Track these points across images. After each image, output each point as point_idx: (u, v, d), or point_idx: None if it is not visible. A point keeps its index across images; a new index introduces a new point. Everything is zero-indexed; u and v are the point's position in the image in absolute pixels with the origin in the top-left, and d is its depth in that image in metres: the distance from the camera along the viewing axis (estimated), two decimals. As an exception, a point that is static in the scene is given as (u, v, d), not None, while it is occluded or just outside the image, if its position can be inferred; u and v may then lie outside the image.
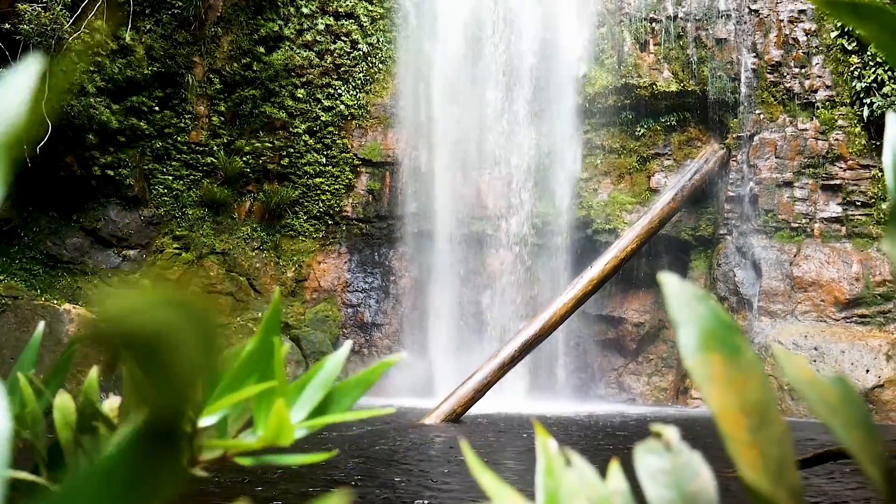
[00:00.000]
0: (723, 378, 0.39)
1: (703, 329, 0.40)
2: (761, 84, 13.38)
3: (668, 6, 13.78)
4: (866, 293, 12.40)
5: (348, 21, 14.86)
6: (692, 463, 0.41)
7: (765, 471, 0.36)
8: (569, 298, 11.66)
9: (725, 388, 0.38)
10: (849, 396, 0.41)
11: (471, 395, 10.52)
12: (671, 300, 0.42)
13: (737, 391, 0.38)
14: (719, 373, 0.39)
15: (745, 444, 0.37)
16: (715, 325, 0.41)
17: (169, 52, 13.95)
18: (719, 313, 0.41)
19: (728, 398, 0.38)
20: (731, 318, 0.41)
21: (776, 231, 13.11)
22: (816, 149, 13.06)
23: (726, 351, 0.40)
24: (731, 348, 0.40)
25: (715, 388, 0.39)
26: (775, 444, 0.37)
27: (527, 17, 14.12)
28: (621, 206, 13.93)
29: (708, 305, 0.41)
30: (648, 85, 13.72)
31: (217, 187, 14.43)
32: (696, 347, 0.40)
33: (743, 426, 0.37)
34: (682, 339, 0.40)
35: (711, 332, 0.40)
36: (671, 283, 0.42)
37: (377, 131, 14.84)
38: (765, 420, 0.38)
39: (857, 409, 0.40)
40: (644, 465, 0.41)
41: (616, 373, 14.32)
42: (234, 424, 0.63)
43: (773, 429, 0.37)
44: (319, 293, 14.74)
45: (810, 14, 13.27)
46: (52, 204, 13.54)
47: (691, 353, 0.40)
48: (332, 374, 0.68)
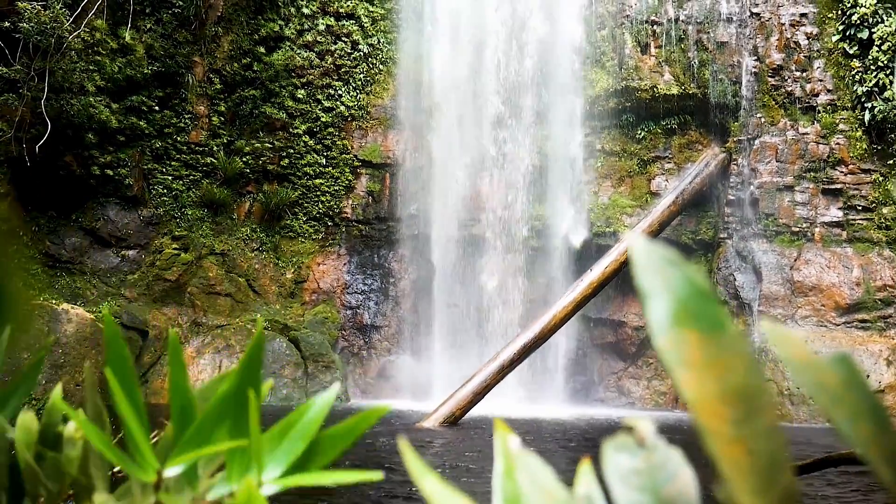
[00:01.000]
0: (700, 359, 0.32)
1: (676, 300, 0.34)
2: (762, 87, 13.33)
3: (669, 9, 13.74)
4: (867, 298, 12.34)
5: (349, 22, 14.81)
6: (669, 462, 0.35)
7: (752, 471, 0.30)
8: (568, 302, 11.61)
9: (703, 372, 0.32)
10: (853, 380, 0.34)
11: (469, 399, 10.47)
12: (638, 266, 0.36)
13: (717, 375, 0.32)
14: (696, 353, 0.32)
15: (727, 439, 0.31)
16: (690, 295, 0.34)
17: (169, 51, 13.91)
18: (696, 281, 0.35)
19: (706, 384, 0.32)
20: (709, 286, 0.35)
21: (777, 235, 13.05)
22: (817, 153, 13.00)
23: (704, 326, 0.34)
24: (710, 323, 0.34)
25: (690, 372, 0.33)
26: (764, 438, 0.31)
27: (528, 18, 14.08)
28: (622, 210, 13.87)
29: (682, 272, 0.35)
30: (649, 88, 13.67)
31: (217, 188, 14.38)
32: (667, 322, 0.34)
33: (725, 418, 0.31)
34: (652, 313, 0.34)
35: (686, 303, 0.34)
36: (638, 245, 0.36)
37: (377, 132, 14.80)
38: (752, 410, 0.32)
39: (863, 395, 0.34)
40: (613, 465, 0.35)
41: (616, 377, 14.25)
42: (207, 468, 0.57)
43: (761, 420, 0.31)
44: (318, 295, 14.68)
45: (812, 18, 13.22)
46: (51, 203, 13.49)
47: (662, 329, 0.34)
48: (315, 423, 0.61)
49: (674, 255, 0.35)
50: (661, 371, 13.99)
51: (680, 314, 0.33)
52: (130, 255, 13.86)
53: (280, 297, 14.46)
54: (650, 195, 13.85)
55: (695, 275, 0.35)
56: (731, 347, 0.33)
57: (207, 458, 0.59)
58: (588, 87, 13.95)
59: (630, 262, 0.36)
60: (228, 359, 12.69)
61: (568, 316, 11.64)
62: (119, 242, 13.84)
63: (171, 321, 13.42)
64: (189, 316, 13.71)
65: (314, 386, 12.93)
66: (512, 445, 0.40)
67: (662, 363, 0.33)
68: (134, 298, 13.52)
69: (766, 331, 0.35)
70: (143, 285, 13.66)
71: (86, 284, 13.39)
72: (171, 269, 13.81)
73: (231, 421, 0.57)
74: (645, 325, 14.22)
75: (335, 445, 0.61)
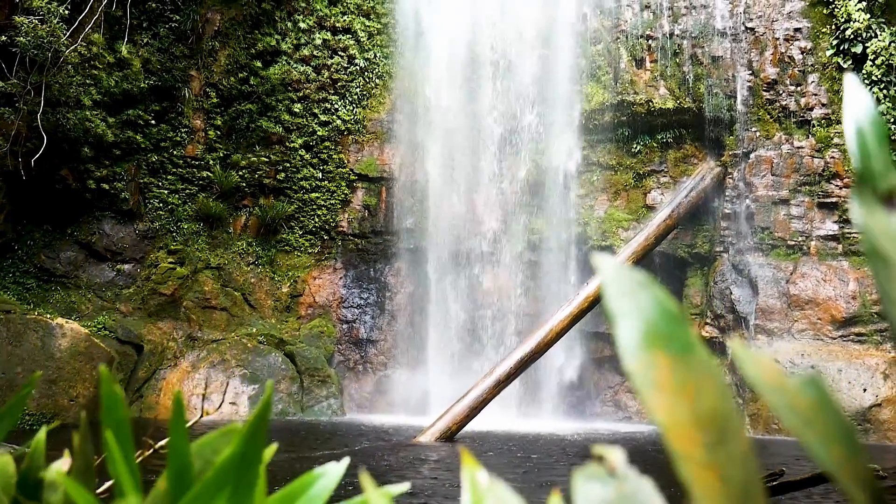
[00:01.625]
0: (671, 383, 0.31)
1: (645, 322, 0.33)
2: (757, 102, 13.38)
3: (664, 23, 13.81)
4: (863, 311, 12.34)
5: (346, 36, 14.87)
6: (640, 493, 0.33)
7: (725, 497, 0.28)
8: (564, 316, 11.59)
9: (674, 396, 0.31)
10: (824, 402, 0.34)
11: (466, 413, 10.42)
12: (607, 288, 0.35)
13: (689, 399, 0.31)
14: (666, 376, 0.31)
15: (700, 464, 0.30)
16: (660, 317, 0.33)
17: (166, 65, 13.94)
18: (665, 303, 0.34)
19: (678, 408, 0.31)
20: (679, 309, 0.33)
21: (772, 249, 13.07)
22: (812, 167, 13.04)
23: (674, 349, 0.33)
24: (681, 346, 0.33)
25: (661, 396, 0.32)
26: (738, 464, 0.30)
27: (524, 33, 14.14)
28: (617, 223, 13.89)
29: (652, 294, 0.34)
30: (645, 102, 13.72)
31: (213, 201, 14.37)
32: (637, 345, 0.33)
33: (697, 442, 0.30)
34: (621, 335, 0.33)
35: (656, 326, 0.33)
36: (607, 266, 0.35)
37: (374, 146, 14.82)
38: (724, 435, 0.31)
39: (834, 417, 0.33)
40: (583, 495, 0.34)
41: (612, 391, 14.21)
42: None
43: (734, 445, 0.30)
44: (314, 309, 14.65)
45: (806, 32, 13.30)
46: (46, 217, 13.47)
47: (632, 351, 0.33)
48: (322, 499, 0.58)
49: (643, 278, 0.34)
50: (658, 385, 13.94)
51: (650, 336, 0.33)
52: (126, 269, 13.82)
53: (276, 312, 14.42)
54: (646, 209, 13.87)
55: (664, 298, 0.34)
56: (701, 370, 0.32)
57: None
58: (584, 101, 14.00)
59: (600, 285, 0.35)
60: (224, 373, 12.62)
61: (564, 330, 11.62)
62: (114, 256, 13.81)
63: (166, 335, 13.37)
64: (184, 330, 13.66)
65: (310, 400, 12.87)
66: (480, 479, 0.39)
67: (632, 383, 0.32)
68: (129, 313, 13.47)
69: (735, 352, 0.34)
70: (139, 299, 13.62)
71: (81, 298, 13.34)
72: (167, 284, 13.77)
73: (232, 488, 0.54)
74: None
75: None
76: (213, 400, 12.27)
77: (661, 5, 13.88)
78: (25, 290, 13.01)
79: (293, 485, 0.57)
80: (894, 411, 11.23)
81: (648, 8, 13.94)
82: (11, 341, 10.70)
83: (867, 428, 11.23)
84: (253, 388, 12.48)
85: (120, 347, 12.39)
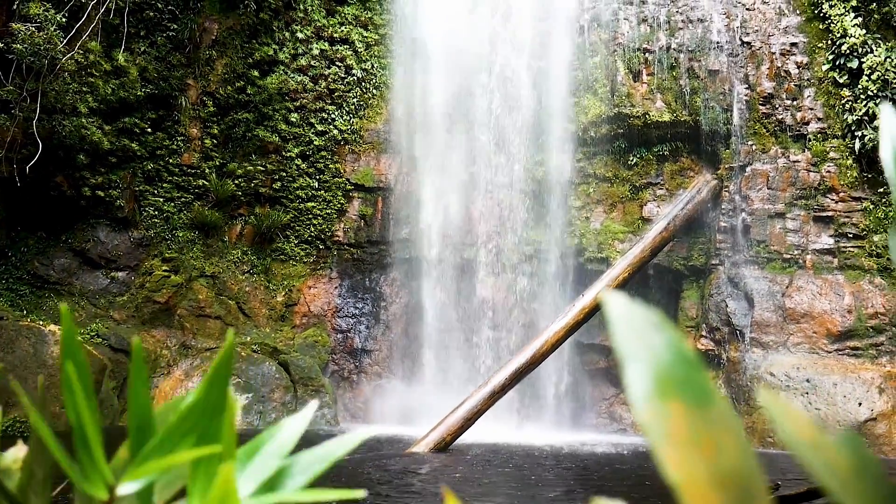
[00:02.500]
0: (686, 436, 0.28)
1: (658, 367, 0.30)
2: (753, 115, 13.42)
3: (661, 37, 13.86)
4: (859, 325, 12.34)
5: (343, 46, 14.89)
6: None
7: None
8: (560, 327, 11.57)
9: (690, 451, 0.28)
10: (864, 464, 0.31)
11: (460, 424, 10.37)
12: (616, 327, 0.32)
13: (707, 455, 0.27)
14: (681, 428, 0.28)
15: None
16: (674, 362, 0.30)
17: (163, 74, 13.93)
18: (680, 346, 0.31)
19: (694, 464, 0.27)
20: (694, 353, 0.30)
21: (768, 262, 13.07)
22: (808, 180, 13.07)
23: (690, 398, 0.29)
24: (697, 394, 0.29)
25: (675, 450, 0.28)
26: None
27: (520, 44, 14.18)
28: (613, 235, 13.88)
29: (665, 336, 0.31)
30: (641, 114, 13.75)
31: (208, 210, 14.33)
32: (649, 392, 0.30)
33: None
34: (631, 381, 0.30)
35: (670, 371, 0.30)
36: (616, 304, 0.32)
37: (370, 156, 14.81)
38: (745, 497, 0.27)
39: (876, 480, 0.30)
40: None
41: (607, 402, 14.17)
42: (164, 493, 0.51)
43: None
44: (309, 318, 14.59)
45: (802, 47, 13.36)
46: (40, 224, 13.41)
47: (643, 399, 0.30)
48: (289, 443, 0.55)
49: (655, 317, 0.31)
50: (653, 397, 13.92)
51: (663, 383, 0.30)
52: (120, 277, 13.76)
53: (270, 321, 14.37)
54: (642, 221, 13.87)
55: (679, 340, 0.31)
56: (721, 423, 0.29)
57: (168, 480, 0.53)
58: (580, 113, 14.02)
59: (607, 323, 0.32)
60: (217, 382, 12.55)
61: (560, 341, 11.59)
62: (109, 264, 13.75)
63: (159, 343, 13.30)
64: (178, 338, 13.59)
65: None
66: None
67: (644, 433, 0.29)
68: (123, 320, 13.41)
69: (767, 405, 0.30)
70: (132, 307, 13.55)
71: (74, 306, 13.27)
72: (161, 291, 13.72)
73: (197, 436, 0.50)
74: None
75: (310, 468, 0.55)
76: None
77: (658, 19, 13.93)
78: (18, 297, 12.94)
79: (261, 434, 0.55)
80: (889, 426, 11.21)
81: (645, 21, 13.99)
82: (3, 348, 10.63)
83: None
84: (246, 398, 12.41)
85: (113, 355, 12.31)
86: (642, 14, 14.01)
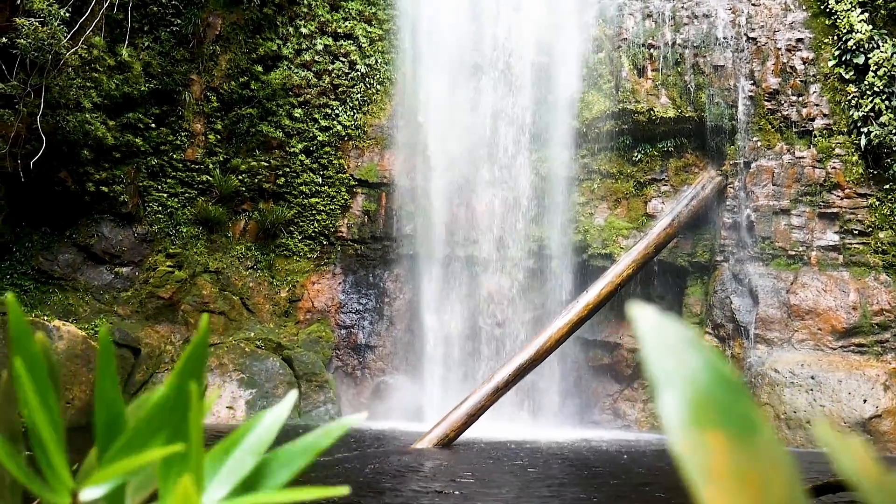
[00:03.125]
0: (728, 470, 0.25)
1: (696, 392, 0.27)
2: (759, 111, 13.37)
3: (666, 33, 13.81)
4: (864, 322, 12.30)
5: (347, 42, 14.86)
6: None
7: None
8: (564, 323, 11.55)
9: (733, 487, 0.25)
10: None
11: (463, 420, 10.37)
12: (647, 346, 0.29)
13: (752, 491, 0.24)
14: (723, 461, 0.25)
15: None
16: (714, 386, 0.27)
17: (166, 69, 13.92)
18: (720, 368, 0.27)
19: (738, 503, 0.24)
20: (736, 374, 0.26)
21: (773, 258, 13.03)
22: (814, 177, 13.02)
23: (733, 427, 0.26)
24: (741, 423, 0.26)
25: (716, 487, 0.25)
26: None
27: (524, 40, 14.13)
28: (618, 232, 13.85)
29: (703, 356, 0.27)
30: (646, 110, 13.70)
31: (212, 205, 14.33)
32: (685, 421, 0.26)
33: None
34: (666, 408, 0.27)
35: (709, 396, 0.26)
36: (647, 319, 0.29)
37: (374, 152, 14.79)
38: None
39: None
40: None
41: (611, 399, 14.15)
42: (137, 495, 0.49)
43: None
44: (313, 314, 14.59)
45: (807, 43, 13.29)
46: (44, 219, 13.42)
47: (679, 428, 0.27)
48: (267, 438, 0.52)
49: (691, 335, 0.28)
50: (657, 394, 13.89)
51: (701, 410, 0.27)
52: (124, 273, 13.77)
53: (274, 316, 14.37)
54: (646, 217, 13.84)
55: (719, 361, 0.28)
56: (767, 455, 0.26)
57: (139, 483, 0.50)
58: (585, 109, 13.98)
59: (638, 341, 0.30)
60: (221, 378, 12.57)
61: (563, 337, 11.57)
62: (113, 259, 13.76)
63: (163, 339, 13.31)
64: (182, 334, 13.60)
65: (307, 406, 12.81)
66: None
67: (681, 466, 0.26)
68: (127, 316, 13.42)
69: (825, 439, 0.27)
70: (136, 303, 13.56)
71: (78, 301, 13.28)
72: (165, 287, 13.72)
73: (169, 432, 0.47)
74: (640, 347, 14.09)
75: (292, 463, 0.52)
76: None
77: (663, 14, 13.87)
78: (23, 292, 12.95)
79: (236, 430, 0.52)
80: (895, 422, 11.18)
81: (650, 17, 13.93)
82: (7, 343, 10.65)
83: (867, 439, 11.19)
84: (250, 393, 12.42)
85: (117, 351, 12.33)
86: (647, 9, 13.95)
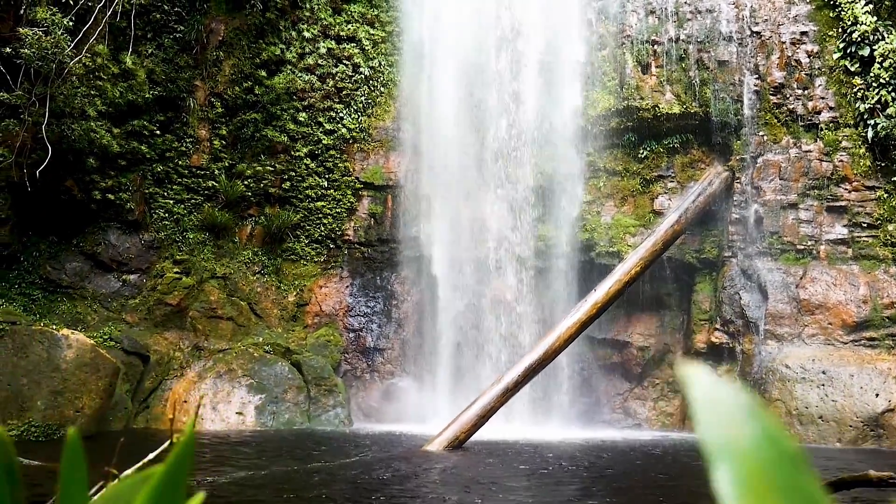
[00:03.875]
0: None
1: (753, 467, 0.23)
2: (764, 106, 13.30)
3: (669, 28, 13.75)
4: (874, 316, 12.22)
5: (350, 45, 14.85)
6: None
7: None
8: (572, 322, 11.50)
9: None
10: None
11: (474, 422, 10.33)
12: (700, 414, 0.26)
13: None
14: None
15: None
16: (774, 460, 0.24)
17: (170, 75, 13.94)
18: (780, 439, 0.25)
19: None
20: (796, 444, 0.23)
21: (782, 253, 12.96)
22: (821, 170, 12.95)
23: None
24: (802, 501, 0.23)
25: None
26: None
27: (529, 39, 14.10)
28: (625, 229, 13.80)
29: (761, 425, 0.25)
30: (651, 107, 13.65)
31: (218, 211, 14.34)
32: (742, 498, 0.23)
33: None
34: (720, 483, 0.24)
35: (768, 472, 0.23)
36: (700, 383, 0.26)
37: (379, 154, 14.78)
38: None
39: None
40: None
41: (621, 397, 14.10)
42: None
43: None
44: (321, 317, 14.58)
45: (812, 36, 13.22)
46: (51, 228, 13.45)
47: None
48: None
49: (749, 401, 0.26)
50: (668, 392, 13.84)
51: (759, 488, 0.24)
52: (131, 280, 13.79)
53: (282, 321, 14.37)
54: (653, 214, 13.78)
55: (777, 431, 0.25)
56: None
57: None
58: (589, 107, 13.94)
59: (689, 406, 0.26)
60: (230, 383, 12.56)
61: (572, 337, 11.53)
62: (120, 267, 13.78)
63: (172, 346, 13.32)
64: (190, 340, 13.61)
65: (317, 410, 12.80)
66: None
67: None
68: (135, 323, 13.44)
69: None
70: (144, 310, 13.58)
71: (86, 309, 13.31)
72: (173, 294, 13.73)
73: None
74: (650, 345, 14.09)
75: None
76: (219, 410, 12.21)
77: (666, 10, 13.82)
78: (31, 302, 12.98)
79: None
80: (907, 417, 11.10)
81: (654, 13, 13.88)
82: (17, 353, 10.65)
83: (880, 434, 11.10)
84: (259, 398, 12.42)
85: (126, 358, 12.33)
86: (650, 6, 13.90)
